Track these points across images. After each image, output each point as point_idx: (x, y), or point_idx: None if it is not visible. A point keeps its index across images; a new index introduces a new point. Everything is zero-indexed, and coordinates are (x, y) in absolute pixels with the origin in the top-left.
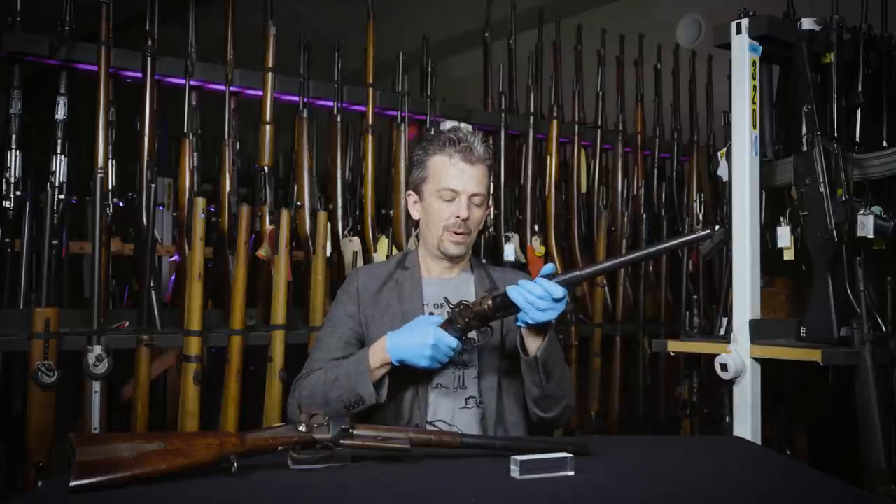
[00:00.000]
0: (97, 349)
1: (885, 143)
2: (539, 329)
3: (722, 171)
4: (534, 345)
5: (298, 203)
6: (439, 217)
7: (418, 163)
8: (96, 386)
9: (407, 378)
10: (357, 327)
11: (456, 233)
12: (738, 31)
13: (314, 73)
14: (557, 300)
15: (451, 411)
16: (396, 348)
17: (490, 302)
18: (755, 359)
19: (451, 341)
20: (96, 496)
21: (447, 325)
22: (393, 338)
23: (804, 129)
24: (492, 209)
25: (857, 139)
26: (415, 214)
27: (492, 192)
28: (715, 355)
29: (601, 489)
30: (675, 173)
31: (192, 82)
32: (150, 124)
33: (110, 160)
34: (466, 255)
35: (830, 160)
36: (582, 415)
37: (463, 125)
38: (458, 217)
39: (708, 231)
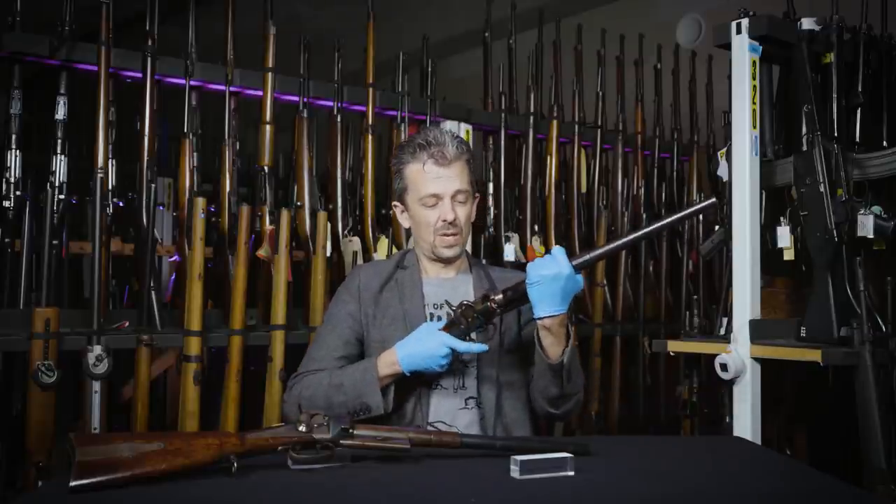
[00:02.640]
0: (97, 349)
1: (885, 143)
2: (559, 331)
3: (722, 171)
4: (556, 349)
5: (298, 203)
6: (427, 223)
7: (396, 173)
8: (96, 386)
9: (408, 380)
10: (357, 326)
11: (446, 235)
12: (738, 31)
13: (314, 73)
14: (553, 256)
15: (452, 412)
16: (409, 360)
17: (500, 296)
18: (755, 359)
19: (459, 345)
20: (96, 496)
21: (449, 328)
22: (403, 349)
23: (804, 129)
24: (491, 208)
25: (857, 139)
26: (404, 223)
27: (491, 192)
28: (715, 355)
29: (601, 489)
30: (675, 173)
31: (192, 82)
32: (150, 124)
33: (110, 160)
34: (461, 254)
35: (830, 160)
36: (582, 415)
37: (448, 123)
38: (444, 220)
39: (713, 200)
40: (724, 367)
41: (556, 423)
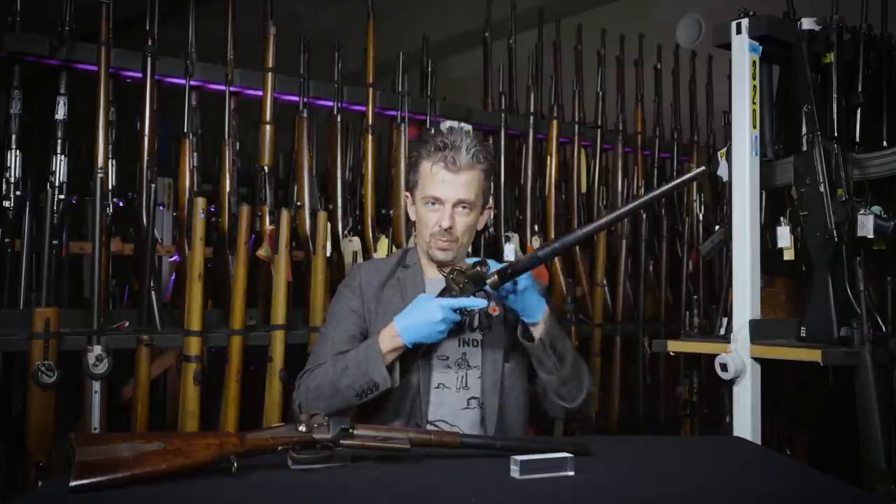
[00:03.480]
0: (97, 349)
1: (885, 143)
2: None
3: (722, 171)
4: (536, 331)
5: (298, 203)
6: (426, 224)
7: (413, 166)
8: (96, 386)
9: (410, 378)
10: (361, 322)
11: (440, 240)
12: (738, 31)
13: (314, 73)
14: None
15: (454, 411)
16: (408, 331)
17: (495, 276)
18: (755, 359)
19: (455, 302)
20: (96, 496)
21: (443, 294)
22: (401, 322)
23: (804, 129)
24: (492, 209)
25: (857, 139)
26: (411, 216)
27: (491, 192)
28: (715, 355)
29: (601, 489)
30: (675, 173)
31: (192, 82)
32: (150, 124)
33: (110, 160)
34: (457, 258)
35: (830, 160)
36: None
37: (463, 125)
38: (440, 226)
39: (703, 168)
40: (724, 367)
41: (556, 424)
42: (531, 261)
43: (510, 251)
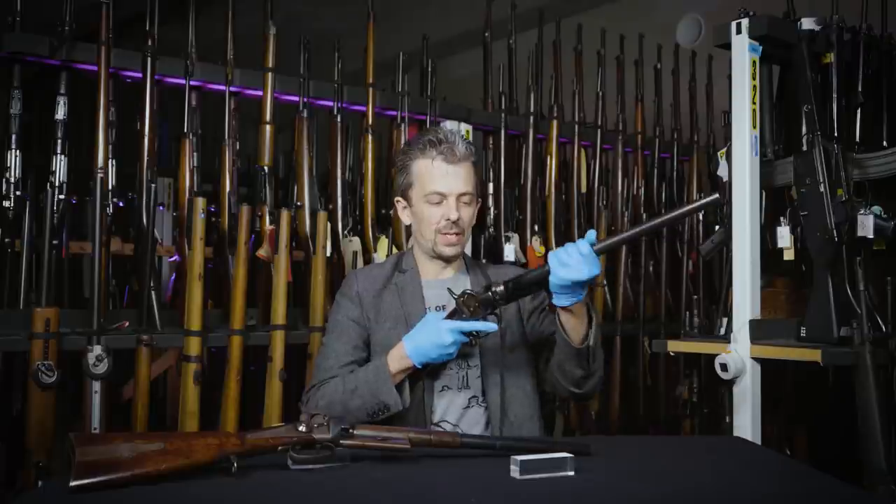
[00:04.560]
0: (97, 349)
1: (885, 143)
2: (581, 310)
3: (722, 171)
4: (580, 331)
5: (298, 203)
6: (430, 221)
7: (402, 168)
8: (96, 386)
9: (413, 384)
10: (362, 331)
11: (448, 234)
12: (738, 31)
13: (314, 73)
14: (583, 255)
15: (457, 411)
16: (418, 352)
17: (501, 287)
18: (755, 359)
19: (465, 325)
20: (96, 496)
21: (452, 316)
22: (411, 342)
23: (804, 129)
24: (491, 208)
25: (857, 139)
26: (405, 220)
27: (491, 192)
28: (715, 355)
29: (601, 489)
30: (675, 173)
31: (192, 82)
32: (150, 124)
33: (110, 160)
34: (461, 254)
35: (830, 160)
36: (582, 415)
37: (447, 124)
38: (448, 220)
39: (717, 196)
40: (724, 367)
41: (556, 424)
42: (541, 273)
43: (510, 251)
